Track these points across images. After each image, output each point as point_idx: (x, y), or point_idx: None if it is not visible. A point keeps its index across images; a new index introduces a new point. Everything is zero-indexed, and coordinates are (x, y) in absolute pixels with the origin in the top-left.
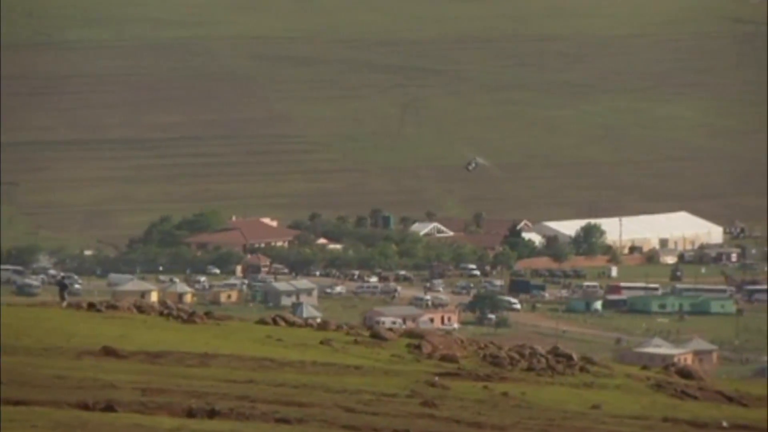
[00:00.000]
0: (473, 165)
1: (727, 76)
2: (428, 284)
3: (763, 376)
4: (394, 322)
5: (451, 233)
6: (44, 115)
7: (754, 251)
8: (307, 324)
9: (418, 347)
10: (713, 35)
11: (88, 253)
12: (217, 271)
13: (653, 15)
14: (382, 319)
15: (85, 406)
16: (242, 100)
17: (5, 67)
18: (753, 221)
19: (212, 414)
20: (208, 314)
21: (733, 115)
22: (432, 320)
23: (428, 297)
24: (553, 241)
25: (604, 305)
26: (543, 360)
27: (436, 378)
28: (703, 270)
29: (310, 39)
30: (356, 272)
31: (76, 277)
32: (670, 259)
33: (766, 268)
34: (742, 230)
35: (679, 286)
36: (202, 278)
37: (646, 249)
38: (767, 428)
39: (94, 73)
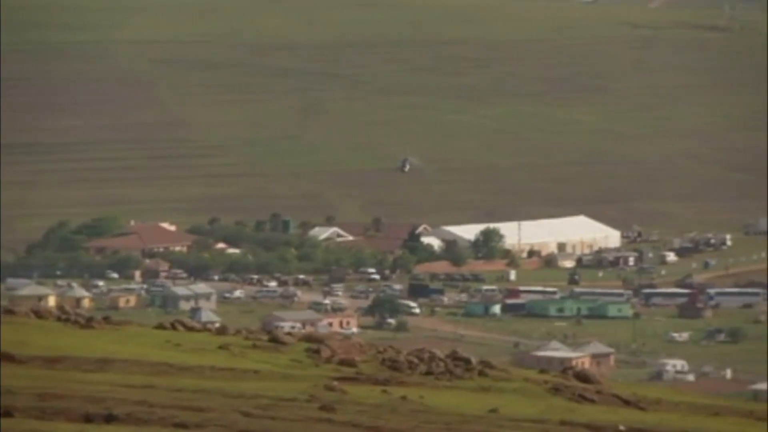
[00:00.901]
0: (407, 166)
1: (625, 81)
2: (327, 288)
3: (659, 379)
4: (293, 327)
5: (350, 237)
6: None
7: (650, 255)
8: (205, 329)
9: (317, 352)
10: (611, 40)
11: None
12: (116, 275)
13: (551, 20)
14: (281, 323)
15: None
16: (141, 104)
17: None
18: (650, 225)
19: (110, 419)
20: (106, 319)
21: (630, 119)
22: (331, 324)
23: (327, 301)
24: (452, 245)
25: (502, 309)
26: (441, 364)
27: (335, 382)
28: (600, 274)
29: (209, 43)
30: (255, 277)
31: None
32: (568, 263)
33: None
34: (639, 234)
35: (576, 290)
36: (101, 283)
37: (544, 253)
38: None
39: None
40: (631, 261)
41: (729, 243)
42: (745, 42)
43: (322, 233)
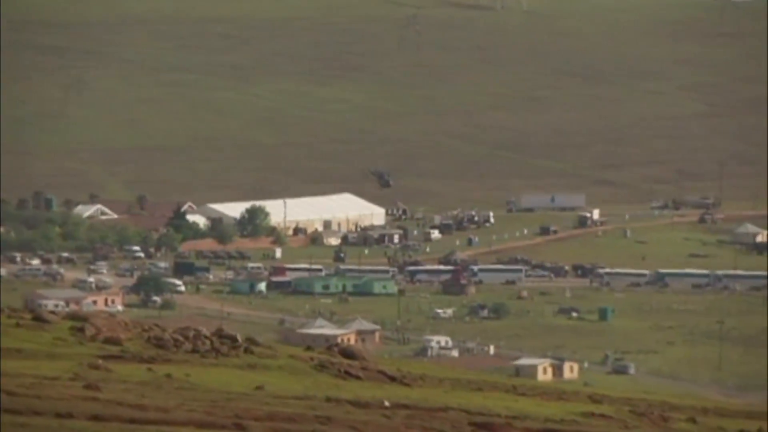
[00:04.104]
0: (385, 177)
1: (389, 59)
2: (92, 266)
3: (424, 355)
4: (56, 305)
5: (114, 215)
6: None
7: (415, 232)
8: None
9: (82, 330)
10: (374, 18)
11: None
12: None
13: None
14: (45, 301)
15: None
16: None
17: None
18: (414, 203)
19: None
20: None
21: (394, 98)
22: (95, 303)
23: (92, 279)
24: (217, 223)
25: (268, 287)
26: (207, 342)
27: (100, 360)
28: (366, 251)
29: None
30: (18, 255)
31: None
32: (334, 241)
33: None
34: (404, 212)
35: (342, 267)
36: None
37: (310, 230)
38: (441, 408)
39: None
40: (396, 238)
41: (492, 220)
42: (508, 20)
43: (86, 211)
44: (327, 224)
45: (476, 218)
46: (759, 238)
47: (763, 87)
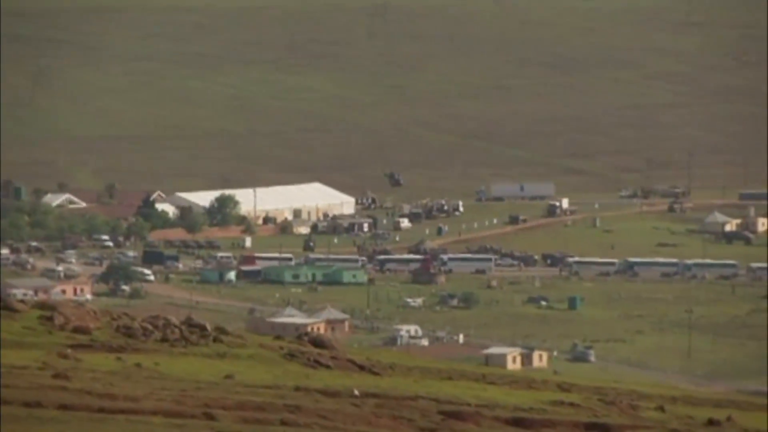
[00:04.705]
0: (396, 177)
1: (358, 48)
2: (61, 255)
3: (393, 344)
4: (25, 294)
5: (83, 204)
6: None
7: (385, 221)
8: None
9: (50, 319)
10: (344, 7)
11: None
12: None
13: None
14: (14, 290)
15: None
16: None
17: None
18: (383, 192)
19: None
20: None
21: (363, 87)
22: (64, 292)
23: (60, 268)
24: (186, 212)
25: (237, 276)
26: (177, 331)
27: (69, 350)
28: (335, 240)
29: None
30: None
31: None
32: (304, 230)
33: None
34: (374, 201)
35: (312, 256)
36: None
37: (279, 220)
38: (410, 397)
39: None
40: (366, 227)
41: (462, 209)
42: (478, 10)
43: (55, 200)
44: (296, 213)
45: (446, 207)
46: (728, 227)
47: (732, 76)
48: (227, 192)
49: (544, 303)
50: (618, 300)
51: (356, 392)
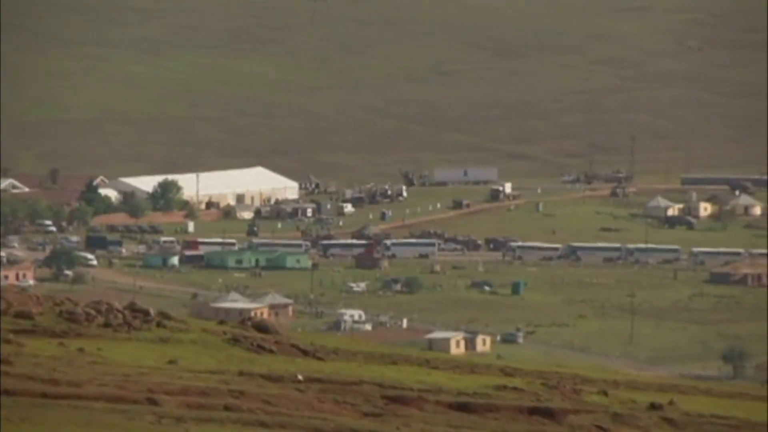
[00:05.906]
0: (410, 176)
1: (301, 33)
2: (3, 240)
3: (337, 329)
4: None
5: (26, 189)
6: None
7: (328, 206)
8: None
9: None
10: None
11: None
12: None
13: None
14: None
15: None
16: None
17: None
18: (327, 177)
19: None
20: None
21: (306, 71)
22: (7, 277)
23: (3, 254)
24: (130, 196)
25: (181, 261)
26: (120, 316)
27: (11, 335)
28: (279, 225)
29: None
30: None
31: None
32: (247, 215)
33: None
34: (317, 185)
35: (255, 241)
36: None
37: (222, 204)
38: (354, 382)
39: None
40: (309, 212)
41: (405, 194)
42: None
43: None
44: (240, 198)
45: (389, 192)
46: (670, 212)
47: (675, 61)
48: (170, 177)
49: (487, 288)
50: (561, 285)
51: (300, 377)
